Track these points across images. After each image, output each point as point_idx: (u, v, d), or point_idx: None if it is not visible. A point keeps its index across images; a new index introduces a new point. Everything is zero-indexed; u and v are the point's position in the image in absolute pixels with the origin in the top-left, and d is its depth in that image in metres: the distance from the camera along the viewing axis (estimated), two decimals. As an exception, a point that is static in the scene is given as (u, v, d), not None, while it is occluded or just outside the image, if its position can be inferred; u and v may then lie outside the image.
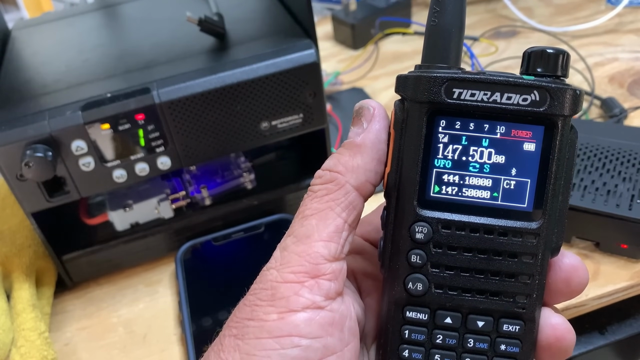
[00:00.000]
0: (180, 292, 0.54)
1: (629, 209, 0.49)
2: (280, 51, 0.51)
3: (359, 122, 0.29)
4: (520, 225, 0.27)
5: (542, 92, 0.26)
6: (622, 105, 0.66)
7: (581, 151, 0.55)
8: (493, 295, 0.27)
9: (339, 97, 0.76)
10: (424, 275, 0.28)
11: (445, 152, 0.27)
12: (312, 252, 0.27)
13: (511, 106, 0.26)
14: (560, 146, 0.26)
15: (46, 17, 0.67)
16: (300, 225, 0.28)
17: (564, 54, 0.27)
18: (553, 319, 0.28)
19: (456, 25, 0.28)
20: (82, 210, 0.57)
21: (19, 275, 0.53)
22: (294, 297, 0.26)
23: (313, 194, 0.28)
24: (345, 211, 0.28)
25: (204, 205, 0.59)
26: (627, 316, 0.54)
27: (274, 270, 0.27)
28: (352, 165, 0.28)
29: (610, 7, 0.86)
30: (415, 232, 0.27)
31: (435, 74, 0.26)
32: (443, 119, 0.27)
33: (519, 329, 0.27)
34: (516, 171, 0.27)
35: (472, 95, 0.26)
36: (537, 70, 0.27)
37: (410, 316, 0.28)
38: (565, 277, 0.28)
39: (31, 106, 0.49)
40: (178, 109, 0.49)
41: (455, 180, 0.27)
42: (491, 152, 0.27)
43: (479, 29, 0.86)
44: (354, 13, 0.87)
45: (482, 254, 0.27)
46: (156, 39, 0.59)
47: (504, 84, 0.26)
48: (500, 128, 0.27)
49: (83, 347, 0.52)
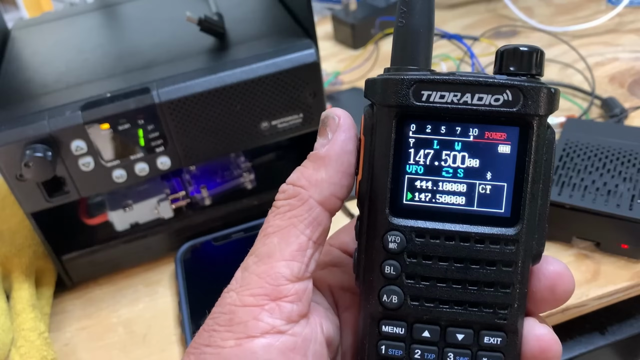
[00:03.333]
0: (180, 292, 0.54)
1: (630, 209, 0.49)
2: (280, 51, 0.51)
3: (324, 132, 0.27)
4: (498, 232, 0.26)
5: (515, 91, 0.25)
6: (623, 105, 0.66)
7: (581, 151, 0.55)
8: (472, 307, 0.26)
9: (339, 97, 0.76)
10: (399, 287, 0.26)
11: (416, 157, 0.26)
12: (273, 273, 0.25)
13: (483, 107, 0.25)
14: (537, 147, 0.25)
15: (46, 17, 0.67)
16: (262, 244, 0.27)
17: (537, 52, 0.26)
18: (537, 329, 0.27)
19: (425, 26, 0.27)
20: (82, 210, 0.57)
21: (19, 276, 0.53)
22: (253, 322, 0.25)
23: (276, 210, 0.27)
24: (309, 228, 0.26)
25: (203, 205, 0.59)
26: (627, 316, 0.54)
27: (233, 292, 0.26)
28: (315, 179, 0.27)
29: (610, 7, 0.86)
30: (388, 241, 0.26)
31: (403, 77, 0.25)
32: (413, 122, 0.26)
33: (500, 341, 0.26)
34: (492, 175, 0.26)
35: (441, 97, 0.25)
36: (510, 69, 0.26)
37: (386, 331, 0.27)
38: (550, 284, 0.27)
39: (31, 106, 0.49)
40: (178, 108, 0.49)
41: (428, 186, 0.26)
42: (464, 155, 0.26)
43: (479, 29, 0.86)
44: (354, 13, 0.87)
45: (459, 263, 0.26)
46: (156, 38, 0.59)
47: (474, 84, 0.25)
48: (473, 130, 0.26)
49: (83, 347, 0.52)
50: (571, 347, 0.52)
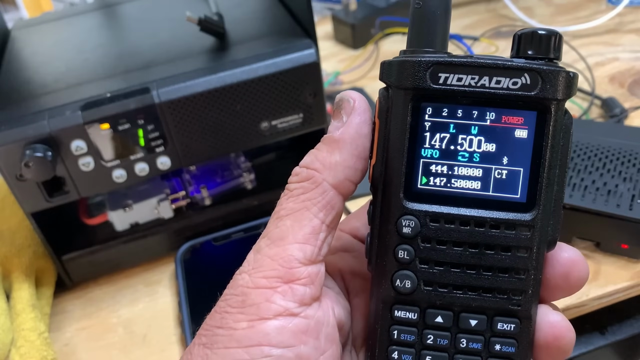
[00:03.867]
0: (180, 292, 0.54)
1: (630, 209, 0.49)
2: (280, 51, 0.51)
3: (339, 115, 0.27)
4: (513, 217, 0.25)
5: (533, 75, 0.24)
6: (623, 105, 0.66)
7: (582, 151, 0.55)
8: (486, 292, 0.26)
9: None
10: (412, 272, 0.26)
11: (432, 141, 0.26)
12: (286, 256, 0.25)
13: (501, 91, 0.25)
14: (554, 132, 0.25)
15: (46, 17, 0.67)
16: (274, 226, 0.26)
17: (556, 35, 0.25)
18: (551, 316, 0.26)
19: (442, 7, 0.26)
20: (82, 210, 0.57)
21: (19, 276, 0.52)
22: (265, 304, 0.25)
23: (289, 193, 0.27)
24: (322, 211, 0.26)
25: (203, 205, 0.59)
26: (627, 316, 0.54)
27: (245, 274, 0.26)
28: (330, 162, 0.26)
29: (610, 7, 0.86)
30: (402, 226, 0.26)
31: (420, 59, 0.25)
32: (429, 106, 0.25)
33: (514, 327, 0.26)
34: (508, 160, 0.25)
35: (459, 80, 0.25)
36: (528, 52, 0.25)
37: (398, 315, 0.27)
38: (564, 271, 0.26)
39: (31, 106, 0.49)
40: (178, 108, 0.49)
41: (443, 170, 0.26)
42: (481, 140, 0.26)
43: (479, 29, 0.86)
44: (354, 13, 0.87)
45: (474, 248, 0.26)
46: (156, 38, 0.59)
47: (493, 67, 0.24)
48: (490, 114, 0.25)
49: (83, 347, 0.52)
50: (571, 347, 0.52)
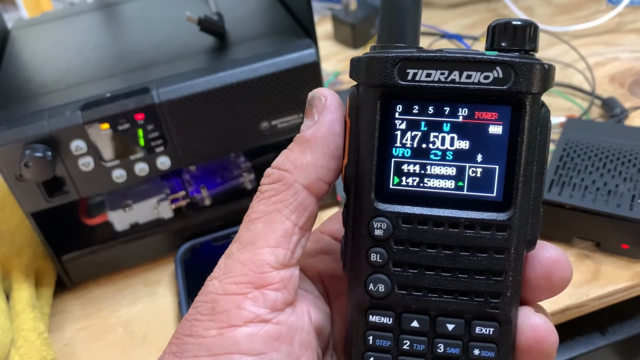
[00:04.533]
0: (180, 292, 0.53)
1: (630, 209, 0.49)
2: (280, 51, 0.51)
3: (311, 113, 0.26)
4: (489, 217, 0.24)
5: (505, 68, 0.23)
6: (623, 105, 0.66)
7: (582, 151, 0.55)
8: (463, 295, 0.25)
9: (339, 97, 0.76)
10: (386, 276, 0.25)
11: (403, 139, 0.25)
12: (257, 260, 0.25)
13: (472, 85, 0.23)
14: (530, 127, 0.24)
15: (45, 17, 0.67)
16: (246, 230, 0.25)
17: (531, 26, 0.24)
18: (533, 319, 0.25)
19: (411, 1, 0.25)
20: (82, 210, 0.57)
21: (19, 276, 0.52)
22: (235, 311, 0.24)
23: (260, 195, 0.26)
24: (294, 213, 0.25)
25: (203, 205, 0.59)
26: (628, 316, 0.54)
27: (216, 280, 0.25)
28: (301, 163, 0.26)
29: (610, 7, 0.86)
30: (374, 228, 0.25)
31: (387, 54, 0.24)
32: (399, 103, 0.25)
33: (493, 331, 0.25)
34: (482, 157, 0.24)
35: (427, 76, 0.24)
36: (502, 44, 0.24)
37: (373, 320, 0.26)
38: (546, 272, 0.25)
39: (30, 106, 0.49)
40: (178, 108, 0.49)
41: (415, 170, 0.25)
42: (453, 137, 0.24)
43: (479, 29, 0.86)
44: (354, 12, 0.87)
45: (448, 250, 0.25)
46: (156, 38, 0.59)
47: (462, 62, 0.23)
48: (462, 110, 0.24)
49: (82, 347, 0.52)
50: (571, 347, 0.52)
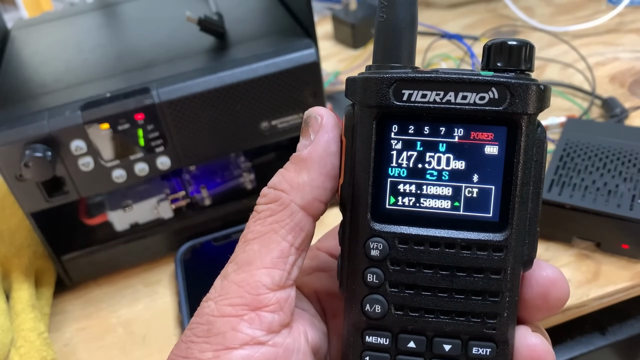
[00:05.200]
0: (180, 292, 0.53)
1: (630, 209, 0.49)
2: (280, 51, 0.51)
3: (307, 133, 0.26)
4: (485, 238, 0.24)
5: (501, 88, 0.23)
6: (623, 105, 0.66)
7: (582, 151, 0.55)
8: (459, 316, 0.25)
9: (339, 97, 0.76)
10: (382, 296, 0.25)
11: (399, 159, 0.25)
12: (253, 282, 0.24)
13: (467, 106, 0.24)
14: (526, 148, 0.24)
15: (45, 17, 0.67)
16: (242, 250, 0.25)
17: (526, 46, 0.24)
18: (530, 339, 0.25)
19: (407, 20, 0.25)
20: (82, 210, 0.57)
21: (18, 276, 0.52)
22: (231, 333, 0.24)
23: (256, 215, 0.26)
24: (290, 234, 0.25)
25: (203, 205, 0.59)
26: (628, 317, 0.54)
27: (211, 302, 0.25)
28: (297, 183, 0.25)
29: (611, 7, 0.86)
30: (371, 248, 0.25)
31: (383, 75, 0.24)
32: (395, 123, 0.25)
33: (490, 352, 0.25)
34: (478, 177, 0.25)
35: (423, 97, 0.24)
36: (498, 64, 0.24)
37: (370, 341, 0.26)
38: (543, 292, 0.25)
39: (30, 106, 0.49)
40: (178, 108, 0.49)
41: (411, 190, 0.25)
42: (449, 157, 0.25)
43: (479, 29, 0.86)
44: (354, 12, 0.87)
45: (445, 270, 0.25)
46: (156, 38, 0.58)
47: (458, 82, 0.24)
48: (458, 131, 0.24)
49: (82, 347, 0.52)
50: (571, 347, 0.52)
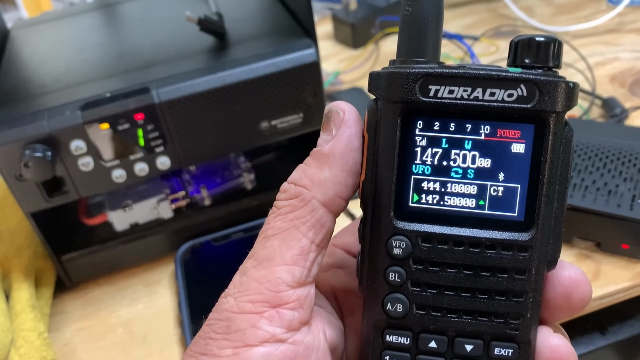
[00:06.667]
0: (180, 292, 0.53)
1: (630, 209, 0.48)
2: (280, 51, 0.51)
3: (328, 127, 0.26)
4: (510, 237, 0.24)
5: (530, 86, 0.23)
6: (623, 105, 0.66)
7: (582, 151, 0.55)
8: (482, 316, 0.25)
9: (340, 97, 0.76)
10: (404, 295, 0.25)
11: (423, 156, 0.24)
12: (273, 278, 0.24)
13: (495, 103, 0.23)
14: (553, 146, 0.23)
15: (45, 17, 0.67)
16: (262, 246, 0.25)
17: (555, 42, 0.24)
18: (552, 339, 0.25)
19: (433, 14, 0.25)
20: (82, 210, 0.57)
21: (18, 276, 0.52)
22: (251, 330, 0.24)
23: (277, 211, 0.26)
24: (311, 230, 0.25)
25: (203, 205, 0.59)
26: (628, 317, 0.54)
27: (231, 298, 0.25)
28: (319, 179, 0.25)
29: (611, 7, 0.86)
30: (393, 247, 0.25)
31: (409, 70, 0.24)
32: (420, 119, 0.24)
33: (512, 352, 0.24)
34: (504, 176, 0.24)
35: (450, 93, 0.23)
36: (525, 61, 0.24)
37: (390, 340, 0.25)
38: (565, 292, 0.25)
39: (30, 106, 0.49)
40: (177, 108, 0.49)
41: (436, 187, 0.25)
42: (475, 155, 0.24)
43: (479, 29, 0.86)
44: (354, 12, 0.87)
45: (468, 270, 0.24)
46: (155, 38, 0.58)
47: (486, 79, 0.23)
48: (485, 128, 0.24)
49: (82, 347, 0.52)
50: (571, 348, 0.52)
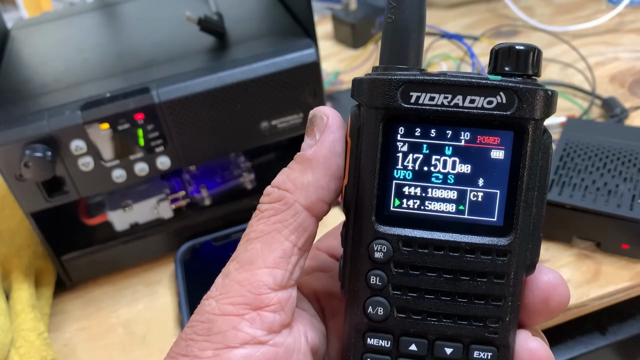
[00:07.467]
0: (180, 292, 0.53)
1: (630, 209, 0.49)
2: (280, 51, 0.51)
3: (312, 132, 0.26)
4: (489, 242, 0.24)
5: (509, 93, 0.23)
6: (623, 105, 0.66)
7: (582, 151, 0.55)
8: (461, 320, 0.25)
9: (339, 97, 0.76)
10: (385, 299, 0.25)
11: (405, 162, 0.25)
12: (255, 281, 0.24)
13: (475, 110, 0.24)
14: (532, 153, 0.24)
15: (45, 17, 0.67)
16: (244, 249, 0.25)
17: (534, 50, 0.24)
18: (530, 343, 0.25)
19: (415, 22, 0.25)
20: (82, 210, 0.57)
21: (18, 276, 0.52)
22: (232, 332, 0.24)
23: (260, 214, 0.26)
24: (294, 234, 0.25)
25: (203, 205, 0.59)
26: (628, 316, 0.54)
27: (212, 300, 0.25)
28: (301, 183, 0.25)
29: (611, 7, 0.86)
30: (374, 250, 0.25)
31: (391, 77, 0.24)
32: (401, 125, 0.25)
33: (491, 355, 0.25)
34: (484, 181, 0.25)
35: (431, 99, 0.24)
36: (505, 69, 0.24)
37: (371, 343, 0.26)
38: (544, 296, 0.25)
39: (30, 106, 0.49)
40: (177, 108, 0.49)
41: (417, 192, 0.25)
42: (455, 161, 0.25)
43: (479, 29, 0.86)
44: (354, 12, 0.87)
45: (448, 274, 0.25)
46: (156, 38, 0.58)
47: (466, 86, 0.24)
48: (465, 134, 0.24)
49: (82, 347, 0.52)
50: (571, 347, 0.52)
